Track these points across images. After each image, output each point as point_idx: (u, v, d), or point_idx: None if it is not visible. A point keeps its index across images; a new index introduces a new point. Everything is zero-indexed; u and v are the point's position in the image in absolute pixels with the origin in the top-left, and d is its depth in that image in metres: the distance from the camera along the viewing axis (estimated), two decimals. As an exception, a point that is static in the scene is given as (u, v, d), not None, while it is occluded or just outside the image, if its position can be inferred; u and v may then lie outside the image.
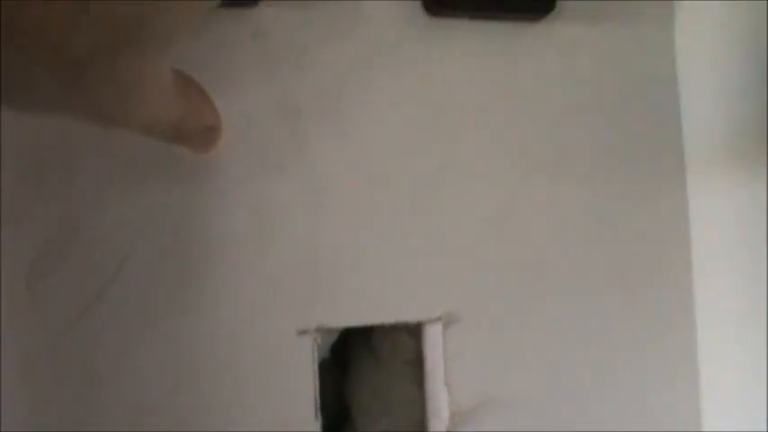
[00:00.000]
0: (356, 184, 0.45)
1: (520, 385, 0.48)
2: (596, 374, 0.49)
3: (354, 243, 0.45)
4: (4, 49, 0.27)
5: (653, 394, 0.50)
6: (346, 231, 0.45)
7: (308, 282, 0.45)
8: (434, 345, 0.48)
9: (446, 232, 0.47)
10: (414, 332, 0.49)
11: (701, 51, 0.51)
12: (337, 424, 0.52)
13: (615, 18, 0.50)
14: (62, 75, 0.29)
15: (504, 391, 0.48)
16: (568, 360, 0.49)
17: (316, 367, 0.45)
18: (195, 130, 0.40)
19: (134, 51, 0.31)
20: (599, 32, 0.50)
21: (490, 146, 0.48)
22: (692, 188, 0.51)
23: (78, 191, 0.41)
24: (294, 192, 0.44)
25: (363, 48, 0.45)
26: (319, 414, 0.45)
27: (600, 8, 0.50)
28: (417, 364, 0.50)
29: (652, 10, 0.51)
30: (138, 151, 0.41)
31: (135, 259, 0.42)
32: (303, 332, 0.44)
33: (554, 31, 0.49)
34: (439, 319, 0.47)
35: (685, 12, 0.52)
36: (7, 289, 0.40)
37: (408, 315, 0.47)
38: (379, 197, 0.46)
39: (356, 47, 0.45)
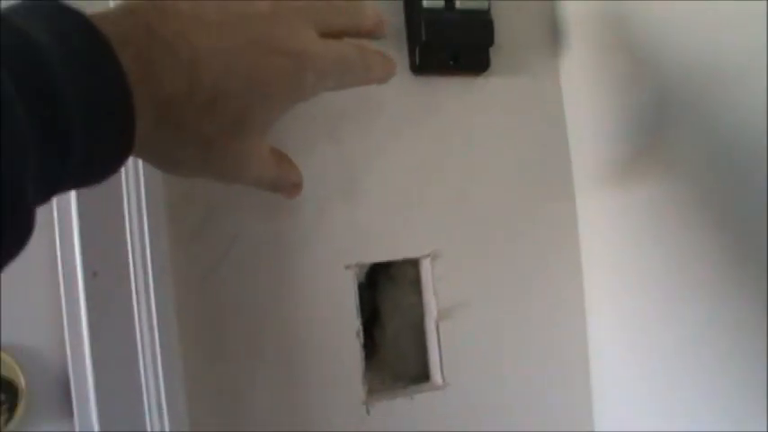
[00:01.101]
0: (376, 177, 0.63)
1: (479, 293, 0.68)
2: (521, 289, 0.70)
3: (376, 213, 0.63)
4: (170, 137, 0.38)
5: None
6: (371, 207, 0.63)
7: (350, 237, 0.63)
8: (426, 270, 0.67)
9: (431, 206, 0.66)
10: (414, 264, 0.68)
11: (582, 96, 0.70)
12: (370, 321, 0.70)
13: (525, 71, 0.71)
14: (200, 149, 0.40)
15: (471, 297, 0.67)
16: (507, 280, 0.69)
17: (356, 288, 0.63)
18: (286, 185, 0.49)
19: (245, 134, 0.41)
20: (515, 82, 0.70)
21: (453, 156, 0.67)
22: (579, 198, 0.71)
23: (210, 198, 0.58)
24: (339, 184, 0.61)
25: (377, 96, 0.63)
26: (359, 316, 0.63)
27: (516, 65, 0.70)
28: (417, 283, 0.68)
29: (542, 65, 0.71)
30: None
31: (242, 235, 0.59)
32: (348, 266, 0.63)
33: (489, 82, 0.69)
34: (428, 255, 0.66)
35: (569, 67, 0.71)
36: (176, 250, 0.56)
37: (410, 253, 0.66)
38: (389, 187, 0.64)
39: (371, 98, 0.63)
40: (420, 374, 0.69)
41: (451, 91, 0.68)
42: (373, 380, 0.67)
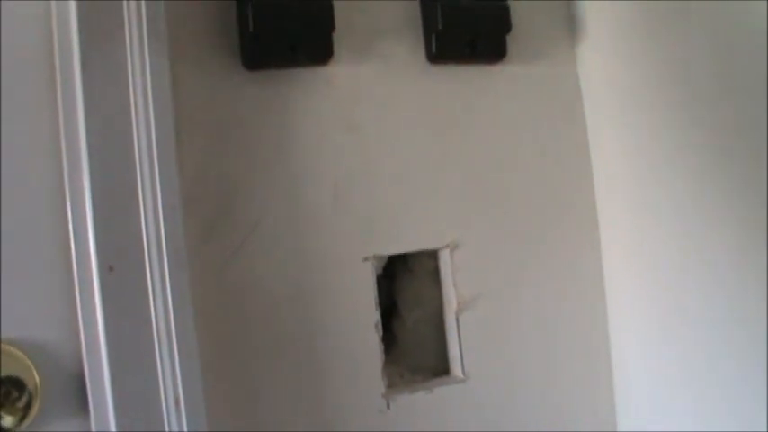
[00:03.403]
0: (392, 167, 0.63)
1: (500, 285, 0.68)
2: (543, 280, 0.69)
3: (394, 204, 0.63)
4: None
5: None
6: (388, 198, 0.63)
7: (368, 229, 0.62)
8: (445, 261, 0.67)
9: (449, 196, 0.65)
10: (432, 255, 0.67)
11: (599, 82, 0.70)
12: (388, 313, 0.69)
13: (543, 58, 0.70)
14: None
15: (489, 288, 0.67)
16: (528, 271, 0.69)
17: (374, 279, 0.63)
18: None
19: None
20: (532, 70, 0.70)
21: (470, 145, 0.67)
22: (598, 186, 0.71)
23: (225, 192, 0.58)
24: (355, 173, 0.61)
25: (393, 85, 0.64)
26: (378, 307, 0.63)
27: (533, 52, 0.69)
28: (436, 274, 0.68)
29: (560, 52, 0.71)
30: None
31: (262, 224, 0.59)
32: (366, 258, 0.62)
33: (506, 69, 0.68)
34: (447, 246, 0.66)
35: (586, 53, 0.71)
36: (192, 242, 0.55)
37: (429, 245, 0.65)
38: (406, 177, 0.64)
39: (387, 86, 0.63)
40: (440, 368, 0.69)
41: (468, 79, 0.67)
42: (392, 373, 0.67)
